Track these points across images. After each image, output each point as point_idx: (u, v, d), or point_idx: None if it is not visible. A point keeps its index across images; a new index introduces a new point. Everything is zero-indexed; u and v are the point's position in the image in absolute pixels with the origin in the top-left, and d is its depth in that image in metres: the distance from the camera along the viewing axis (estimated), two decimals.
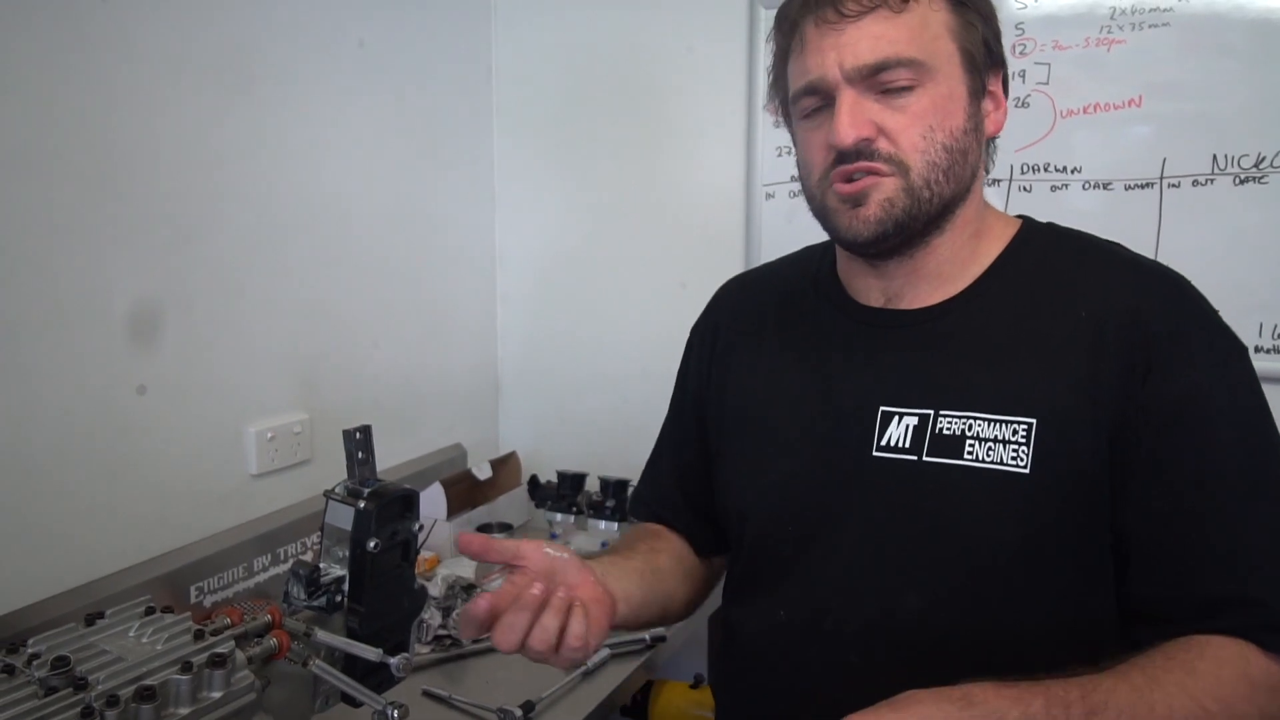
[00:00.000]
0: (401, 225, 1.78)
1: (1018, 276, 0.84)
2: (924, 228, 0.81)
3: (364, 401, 1.68)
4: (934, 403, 0.81)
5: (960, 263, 0.85)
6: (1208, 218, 1.46)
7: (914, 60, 0.77)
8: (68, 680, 0.73)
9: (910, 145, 0.78)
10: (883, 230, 0.79)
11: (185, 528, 1.37)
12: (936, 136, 0.78)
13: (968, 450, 0.78)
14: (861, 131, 0.77)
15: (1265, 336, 1.43)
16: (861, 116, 0.78)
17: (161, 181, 1.32)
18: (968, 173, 0.82)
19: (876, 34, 0.77)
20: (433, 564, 1.65)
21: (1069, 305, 0.80)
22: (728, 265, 1.07)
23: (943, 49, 0.79)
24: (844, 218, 0.81)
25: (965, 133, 0.80)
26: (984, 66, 0.81)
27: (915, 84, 0.77)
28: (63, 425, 1.22)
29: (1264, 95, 1.40)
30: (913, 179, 0.78)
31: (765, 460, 0.90)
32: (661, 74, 1.84)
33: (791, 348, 0.91)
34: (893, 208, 0.79)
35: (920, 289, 0.85)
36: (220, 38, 1.39)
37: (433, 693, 1.24)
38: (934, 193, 0.79)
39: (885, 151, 0.78)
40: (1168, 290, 0.80)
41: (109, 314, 1.27)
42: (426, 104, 1.82)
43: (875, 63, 0.77)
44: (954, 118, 0.79)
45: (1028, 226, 0.88)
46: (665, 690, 1.50)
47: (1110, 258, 0.84)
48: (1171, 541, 0.75)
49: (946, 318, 0.84)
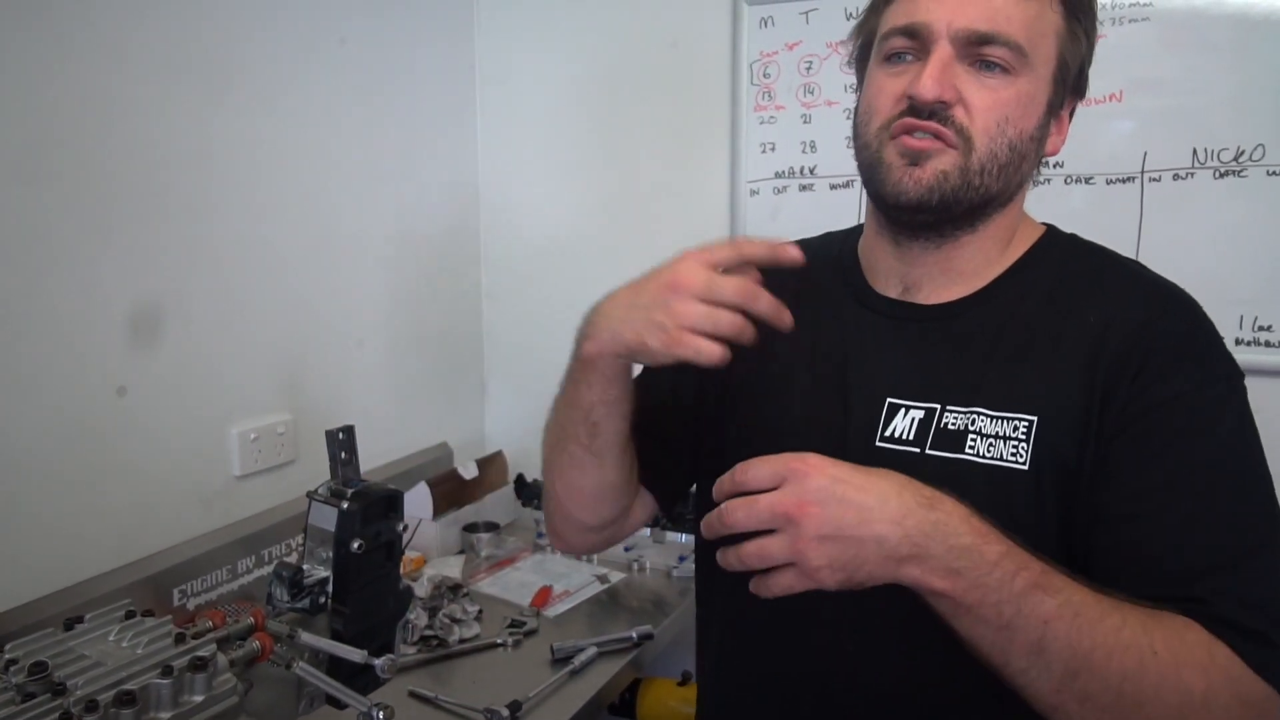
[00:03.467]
0: (385, 223, 1.77)
1: (1034, 281, 0.84)
2: (962, 214, 0.81)
3: (348, 401, 1.67)
4: (941, 397, 0.81)
5: (984, 263, 0.85)
6: (1188, 211, 1.47)
7: (1019, 46, 0.76)
8: (46, 686, 0.72)
9: (983, 126, 0.77)
10: (929, 198, 0.78)
11: (168, 530, 1.36)
12: (1008, 130, 0.78)
13: (969, 445, 0.78)
14: (945, 93, 0.76)
15: (1245, 329, 1.45)
16: (949, 78, 0.76)
17: (144, 182, 1.31)
18: (1017, 179, 0.81)
19: (997, 5, 0.75)
20: (419, 564, 1.64)
21: (1080, 311, 0.80)
22: None
23: (1044, 49, 0.78)
24: (897, 172, 0.79)
25: (1031, 139, 0.80)
26: (1069, 85, 0.81)
27: (1010, 69, 0.76)
28: (42, 427, 1.21)
29: (1243, 89, 1.41)
30: (972, 161, 0.77)
31: (769, 436, 0.88)
32: (645, 71, 1.84)
33: (806, 329, 0.89)
34: (946, 180, 0.78)
35: (939, 283, 0.85)
36: (200, 37, 1.38)
37: (419, 694, 1.23)
38: (984, 182, 0.78)
39: (959, 121, 0.77)
40: (1179, 309, 0.80)
41: (89, 315, 1.25)
42: (409, 102, 1.81)
43: (986, 32, 0.75)
44: (1029, 119, 0.79)
45: (1051, 233, 0.89)
46: (653, 688, 1.50)
47: (1127, 273, 0.84)
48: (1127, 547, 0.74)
49: (961, 316, 0.84)
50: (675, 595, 1.57)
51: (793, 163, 1.74)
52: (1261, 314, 1.44)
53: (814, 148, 1.72)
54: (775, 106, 1.74)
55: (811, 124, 1.72)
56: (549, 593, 1.55)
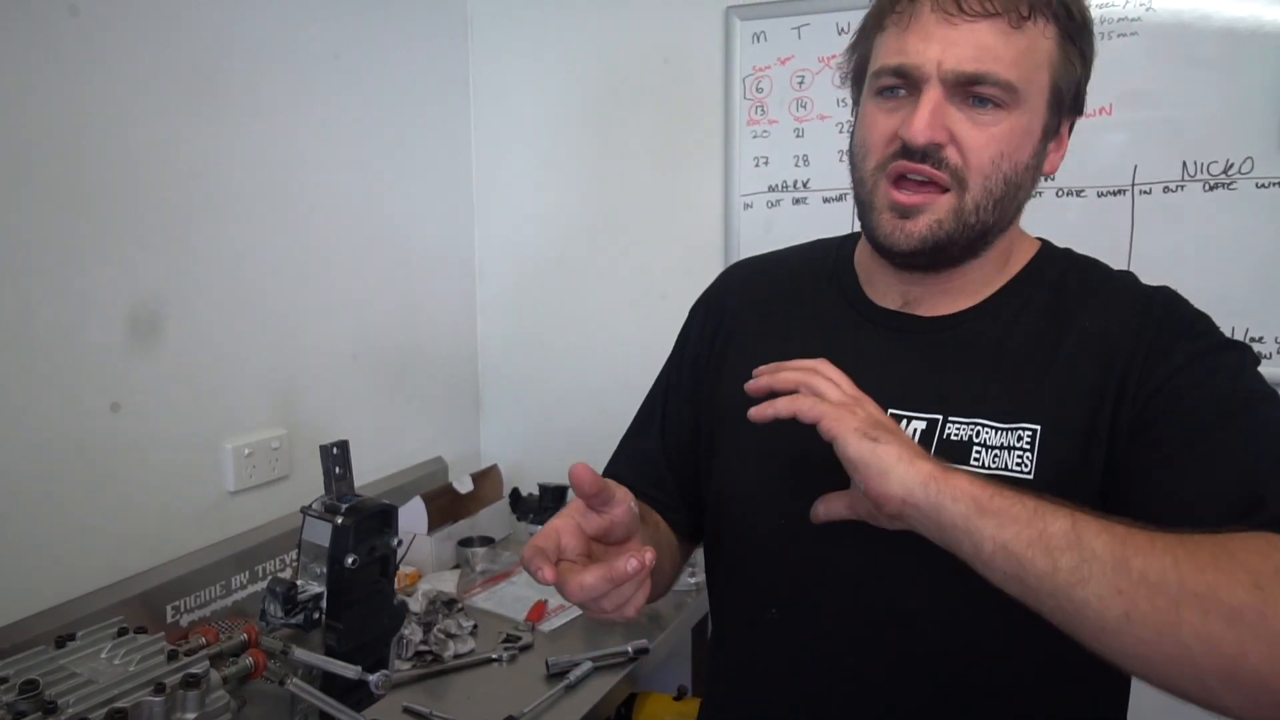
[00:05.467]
0: (379, 238, 1.77)
1: (1032, 295, 0.85)
2: (961, 252, 0.81)
3: (343, 416, 1.67)
4: (943, 409, 0.81)
5: (983, 281, 0.86)
6: (1179, 223, 1.48)
7: (1010, 84, 0.75)
8: (36, 704, 0.72)
9: (977, 165, 0.77)
10: (923, 248, 0.79)
11: (161, 546, 1.35)
12: (1002, 166, 0.77)
13: (974, 457, 0.78)
14: (937, 136, 0.76)
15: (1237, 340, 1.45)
16: (941, 120, 0.76)
17: (136, 196, 1.31)
18: (1014, 208, 0.82)
19: (986, 44, 0.74)
20: (414, 579, 1.63)
21: (1077, 321, 0.81)
22: (707, 276, 1.06)
23: (1038, 80, 0.77)
24: (888, 224, 0.79)
25: (1027, 169, 0.80)
26: (1066, 107, 0.81)
27: (1003, 104, 0.76)
28: (35, 443, 1.20)
29: (1231, 103, 1.43)
30: (966, 201, 0.78)
31: (764, 451, 0.89)
32: (638, 85, 1.85)
33: (802, 339, 0.90)
34: (940, 229, 0.78)
35: (939, 300, 0.86)
36: (195, 51, 1.38)
37: (414, 710, 1.23)
38: (980, 220, 0.79)
39: (952, 162, 0.77)
40: (1176, 307, 0.82)
41: (81, 331, 1.25)
42: (403, 117, 1.82)
43: (974, 73, 0.75)
44: (1023, 151, 0.79)
45: (1046, 248, 0.89)
46: (649, 702, 1.49)
47: (1121, 284, 0.85)
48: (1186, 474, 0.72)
49: (961, 328, 0.84)
50: (670, 609, 1.57)
51: (786, 176, 1.75)
52: (1253, 325, 1.45)
53: (807, 161, 1.73)
54: (768, 121, 1.75)
55: (804, 138, 1.73)
56: (544, 607, 1.55)
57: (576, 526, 0.71)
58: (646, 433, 1.02)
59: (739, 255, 1.77)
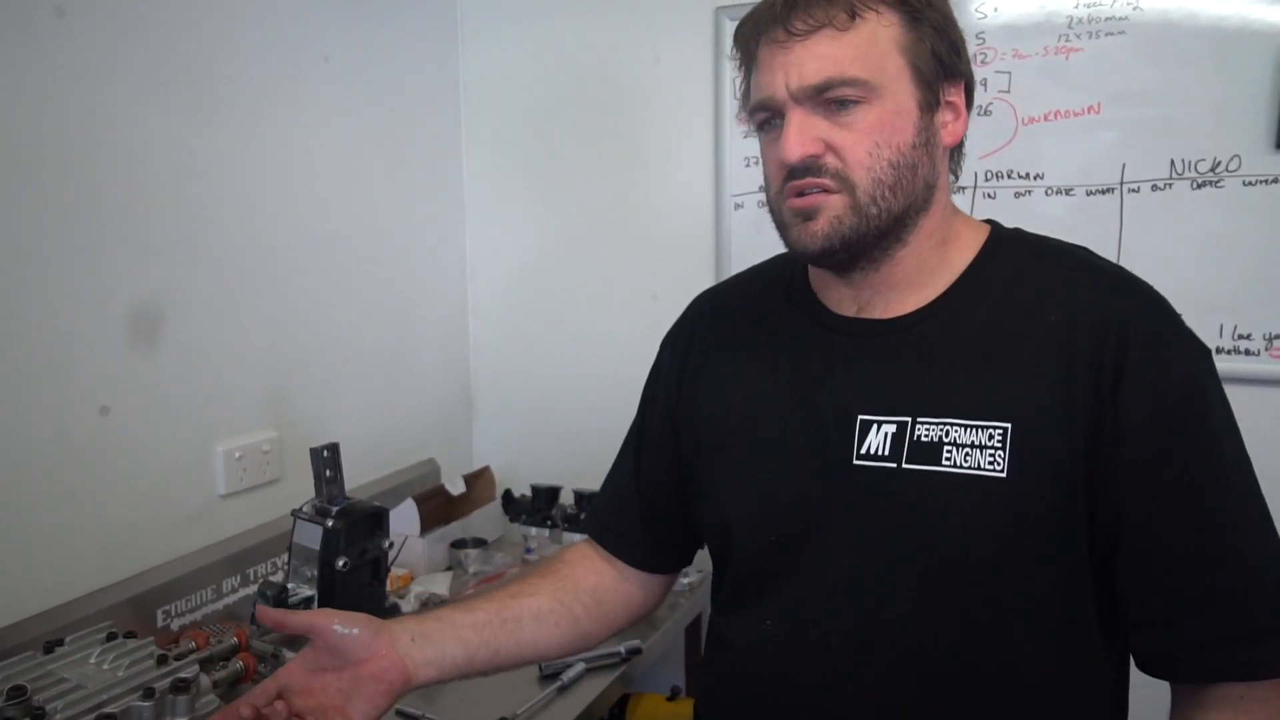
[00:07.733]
0: (370, 239, 1.77)
1: (988, 283, 0.85)
2: (877, 242, 0.83)
3: (334, 418, 1.67)
4: (911, 410, 0.82)
5: (929, 271, 0.86)
6: (1167, 222, 1.48)
7: (858, 79, 0.78)
8: (25, 710, 0.72)
9: (856, 162, 0.80)
10: (830, 245, 0.81)
11: (151, 550, 1.34)
12: (883, 153, 0.80)
13: (945, 456, 0.79)
14: (808, 149, 0.79)
15: (1225, 337, 1.46)
16: (809, 134, 0.79)
17: (124, 198, 1.30)
18: (919, 186, 0.83)
19: (822, 53, 0.78)
20: (406, 581, 1.63)
21: (1039, 310, 0.81)
22: (698, 276, 1.07)
23: (891, 65, 0.80)
24: (795, 231, 0.83)
25: (914, 147, 0.81)
26: (937, 79, 0.82)
27: (862, 100, 0.79)
28: (23, 446, 1.19)
29: (1219, 101, 1.43)
30: (859, 196, 0.80)
31: (745, 470, 0.90)
32: (629, 85, 1.85)
33: (768, 357, 0.92)
34: (840, 225, 0.81)
35: (891, 298, 0.86)
36: (183, 54, 1.38)
37: (406, 712, 1.22)
38: (881, 209, 0.81)
39: (833, 167, 0.80)
40: (1134, 295, 0.82)
41: (70, 333, 1.24)
42: (394, 118, 1.81)
43: (819, 83, 0.79)
44: (902, 133, 0.81)
45: (996, 232, 0.90)
46: (642, 703, 1.49)
47: (1077, 262, 0.86)
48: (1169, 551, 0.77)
49: (920, 325, 0.85)
50: (663, 610, 1.56)
51: None
52: (1240, 323, 1.46)
53: None
54: None
55: None
56: None
57: (299, 664, 0.79)
58: (622, 470, 1.07)
59: (730, 255, 1.77)
